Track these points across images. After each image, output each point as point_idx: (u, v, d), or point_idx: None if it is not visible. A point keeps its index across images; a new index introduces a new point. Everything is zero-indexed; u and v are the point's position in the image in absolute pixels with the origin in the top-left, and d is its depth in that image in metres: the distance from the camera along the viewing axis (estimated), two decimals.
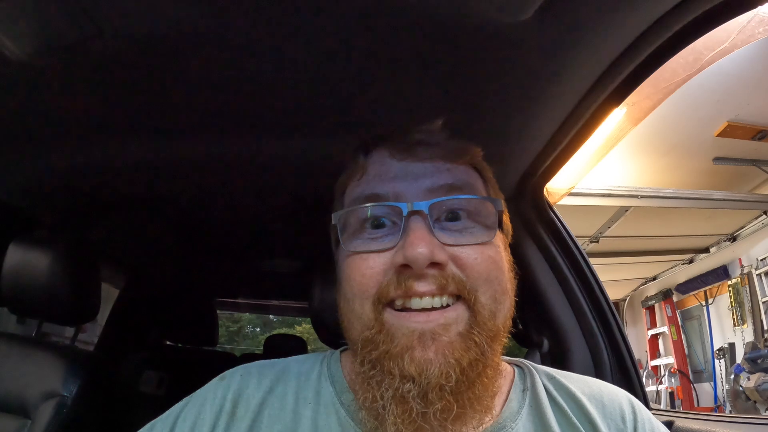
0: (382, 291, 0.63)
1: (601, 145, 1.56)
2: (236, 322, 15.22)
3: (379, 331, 0.62)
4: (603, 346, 1.35)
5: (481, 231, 0.67)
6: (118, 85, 0.99)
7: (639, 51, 0.85)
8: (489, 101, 1.00)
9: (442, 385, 0.58)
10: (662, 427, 0.73)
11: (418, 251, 0.60)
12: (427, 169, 0.69)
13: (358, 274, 0.65)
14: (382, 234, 0.66)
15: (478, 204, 0.68)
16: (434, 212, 0.65)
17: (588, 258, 1.41)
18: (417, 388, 0.58)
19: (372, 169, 0.72)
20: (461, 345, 0.60)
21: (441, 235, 0.64)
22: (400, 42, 0.84)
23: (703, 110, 3.91)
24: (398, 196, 0.67)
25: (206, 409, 0.70)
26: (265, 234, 1.94)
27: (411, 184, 0.68)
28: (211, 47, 0.87)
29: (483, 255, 0.65)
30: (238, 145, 1.23)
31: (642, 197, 4.42)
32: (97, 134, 1.20)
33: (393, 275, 0.62)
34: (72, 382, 1.31)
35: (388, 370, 0.60)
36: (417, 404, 0.58)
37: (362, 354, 0.64)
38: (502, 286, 0.66)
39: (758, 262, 5.98)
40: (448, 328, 0.61)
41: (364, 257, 0.65)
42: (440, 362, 0.59)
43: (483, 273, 0.64)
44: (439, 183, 0.67)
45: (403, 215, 0.64)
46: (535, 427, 0.68)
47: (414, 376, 0.58)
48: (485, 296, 0.63)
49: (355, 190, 0.72)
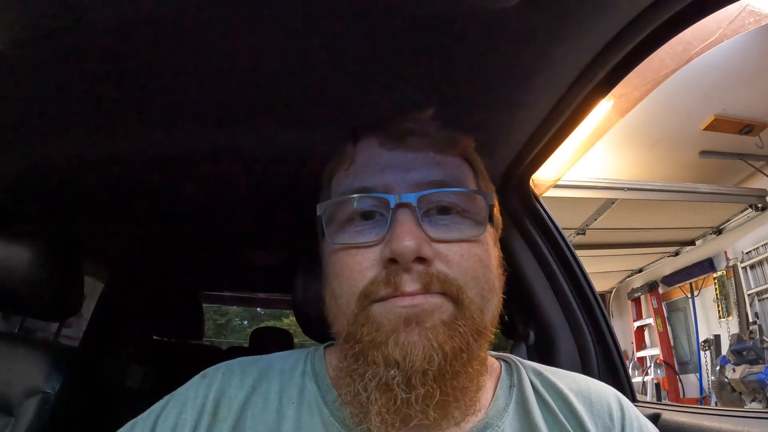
0: (369, 288, 0.61)
1: (587, 136, 1.57)
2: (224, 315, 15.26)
3: (363, 325, 0.61)
4: (589, 338, 1.35)
5: (471, 226, 0.66)
6: (98, 76, 0.97)
7: (627, 40, 0.84)
8: (473, 91, 0.99)
9: (425, 370, 0.57)
10: (650, 424, 0.73)
11: (404, 245, 0.59)
12: (417, 161, 0.68)
13: (346, 271, 0.64)
14: (369, 226, 0.65)
15: (468, 198, 0.67)
16: (423, 205, 0.64)
17: (574, 250, 1.41)
18: (401, 374, 0.57)
19: (361, 159, 0.71)
20: (444, 331, 0.59)
21: (429, 228, 0.63)
22: (384, 31, 0.82)
23: (690, 104, 3.93)
24: (387, 187, 0.65)
25: (188, 409, 0.69)
26: (251, 226, 1.93)
27: (400, 175, 0.66)
28: (194, 38, 0.85)
29: (470, 253, 0.64)
30: (222, 137, 1.21)
31: (628, 189, 4.45)
32: (77, 126, 1.17)
33: (381, 271, 0.61)
34: (55, 378, 1.29)
35: (372, 360, 0.59)
36: (402, 391, 0.58)
37: (345, 348, 0.63)
38: (489, 283, 0.65)
39: (743, 255, 6.05)
40: (432, 314, 0.60)
41: (353, 253, 0.64)
42: (423, 345, 0.58)
43: (469, 271, 0.63)
44: (429, 176, 0.66)
45: (391, 207, 0.63)
46: (521, 425, 0.68)
47: (399, 360, 0.57)
48: (472, 293, 0.62)
49: (343, 180, 0.71)
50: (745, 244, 6.04)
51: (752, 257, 5.93)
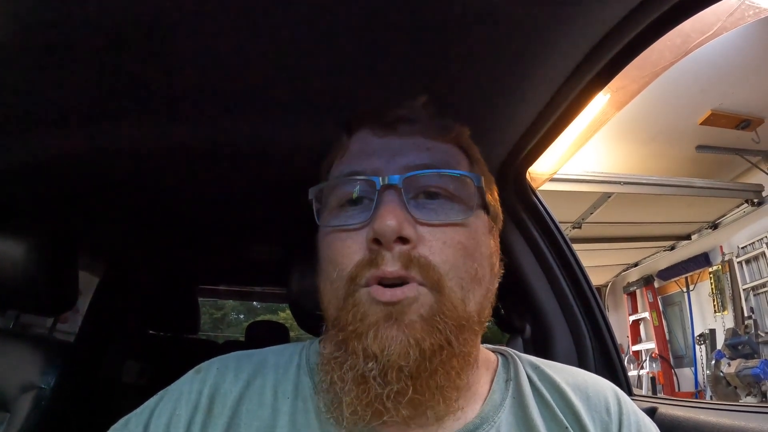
0: (355, 271, 0.61)
1: (584, 130, 1.56)
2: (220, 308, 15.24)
3: (349, 311, 0.61)
4: (585, 332, 1.35)
5: (459, 211, 0.65)
6: (93, 72, 0.97)
7: (625, 32, 0.84)
8: (468, 84, 0.99)
9: (401, 366, 0.57)
10: (647, 419, 0.72)
11: (386, 224, 0.59)
12: (406, 146, 0.67)
13: (336, 255, 0.64)
14: (358, 210, 0.65)
15: (456, 181, 0.66)
16: (411, 189, 0.64)
17: (571, 243, 1.41)
18: (378, 367, 0.57)
19: (353, 148, 0.71)
20: (423, 327, 0.59)
21: (415, 211, 0.62)
22: (380, 24, 0.82)
23: (687, 98, 3.94)
24: (374, 171, 0.65)
25: (182, 405, 0.68)
26: (247, 220, 1.93)
27: (388, 160, 0.66)
28: (188, 30, 0.85)
29: (453, 240, 0.63)
30: (217, 131, 1.20)
31: (625, 184, 4.46)
32: (72, 121, 1.17)
33: (366, 253, 0.61)
34: (50, 373, 1.29)
35: (353, 350, 0.59)
36: (377, 384, 0.57)
37: (331, 336, 0.64)
38: (471, 273, 0.64)
39: (739, 249, 6.09)
40: (410, 307, 0.59)
41: (342, 237, 0.64)
42: (401, 339, 0.57)
43: (450, 259, 0.62)
44: (417, 160, 0.66)
45: (377, 189, 0.62)
46: (517, 420, 0.67)
47: (377, 353, 0.57)
48: (452, 282, 0.61)
49: (336, 169, 0.71)
50: (740, 238, 6.07)
51: (748, 252, 5.97)
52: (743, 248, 6.03)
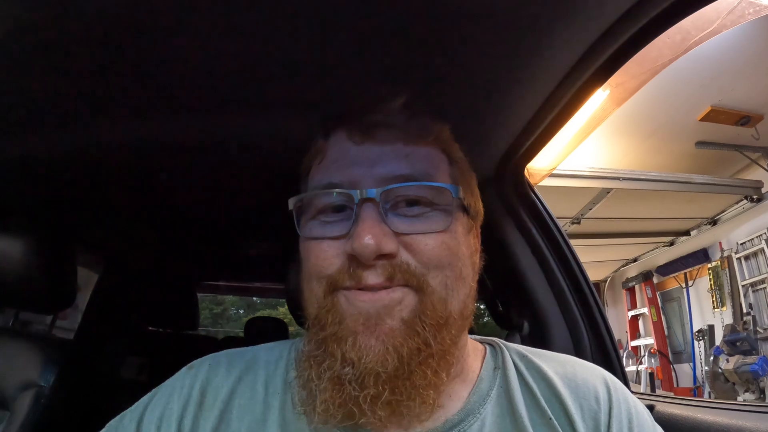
0: (335, 276, 0.62)
1: (583, 126, 1.55)
2: (219, 304, 15.31)
3: (328, 311, 0.62)
4: (583, 328, 1.35)
5: (439, 217, 0.65)
6: (87, 69, 0.96)
7: (625, 29, 0.83)
8: (466, 79, 0.98)
9: (378, 372, 0.58)
10: (640, 405, 0.72)
11: (364, 243, 0.59)
12: (385, 155, 0.67)
13: (312, 257, 0.65)
14: (337, 219, 0.65)
15: (435, 190, 0.66)
16: (389, 199, 0.64)
17: (569, 240, 1.41)
18: (354, 372, 0.59)
19: (330, 154, 0.70)
20: (403, 332, 0.60)
21: (395, 221, 0.63)
22: (372, 15, 0.81)
23: (687, 94, 3.93)
24: (352, 183, 0.65)
25: (174, 399, 0.70)
26: (245, 216, 1.92)
27: (366, 170, 0.66)
28: (183, 28, 0.84)
29: (436, 241, 0.63)
30: (214, 126, 1.20)
31: (624, 179, 4.46)
32: (67, 118, 1.16)
33: (345, 262, 0.62)
34: (49, 371, 1.29)
35: (331, 352, 0.60)
36: (352, 388, 0.59)
37: (311, 334, 0.65)
38: (456, 272, 0.65)
39: (738, 246, 6.08)
40: (392, 311, 0.60)
41: (323, 246, 0.64)
42: (380, 349, 0.59)
43: (434, 259, 0.63)
44: (395, 170, 0.65)
45: (355, 202, 0.63)
46: (503, 410, 0.68)
47: (354, 361, 0.59)
48: (435, 281, 0.62)
49: (315, 176, 0.71)
50: (739, 235, 6.07)
51: (747, 248, 5.97)
52: (742, 244, 6.03)
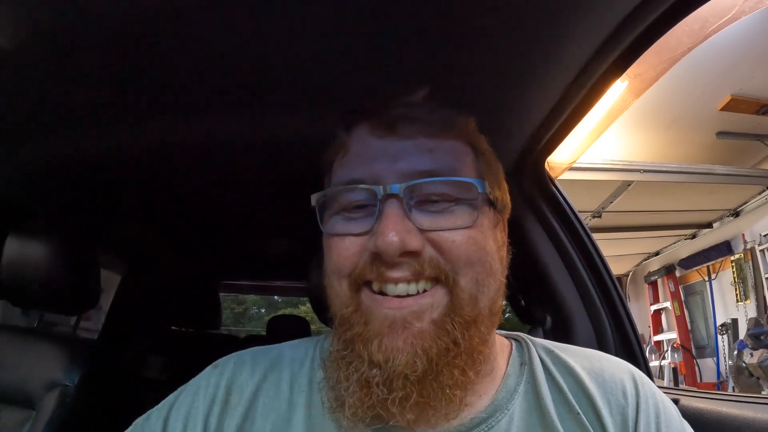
0: (358, 272, 0.62)
1: (602, 118, 1.54)
2: (241, 303, 15.45)
3: (354, 311, 0.62)
4: (606, 322, 1.34)
5: (464, 211, 0.64)
6: (105, 70, 0.97)
7: (642, 18, 0.82)
8: (483, 73, 0.98)
9: (406, 375, 0.58)
10: (667, 400, 0.71)
11: (388, 240, 0.58)
12: (407, 149, 0.66)
13: (335, 254, 0.64)
14: (360, 215, 0.65)
15: (460, 185, 0.65)
16: (413, 195, 0.63)
17: (591, 233, 1.40)
18: (382, 375, 0.58)
19: (353, 149, 0.69)
20: (432, 334, 0.59)
21: (419, 218, 0.62)
22: (390, 11, 0.81)
23: (706, 83, 3.86)
24: (375, 178, 0.64)
25: (199, 398, 0.70)
26: (266, 215, 1.93)
27: (389, 165, 0.65)
28: (198, 30, 0.85)
29: (463, 236, 0.62)
30: (234, 125, 1.21)
31: (644, 171, 4.40)
32: (88, 121, 1.18)
33: (368, 259, 0.61)
34: (74, 371, 1.31)
35: (358, 353, 0.60)
36: (380, 390, 0.58)
37: (339, 332, 0.64)
38: (486, 267, 0.64)
39: (761, 237, 5.98)
40: (421, 316, 0.60)
41: (346, 243, 0.64)
42: (408, 351, 0.58)
43: (463, 256, 0.62)
44: (419, 165, 0.64)
45: (378, 198, 0.62)
46: (530, 406, 0.67)
47: (381, 363, 0.58)
48: (466, 279, 0.62)
49: (337, 171, 0.70)
50: (763, 226, 5.97)
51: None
52: (765, 236, 5.93)
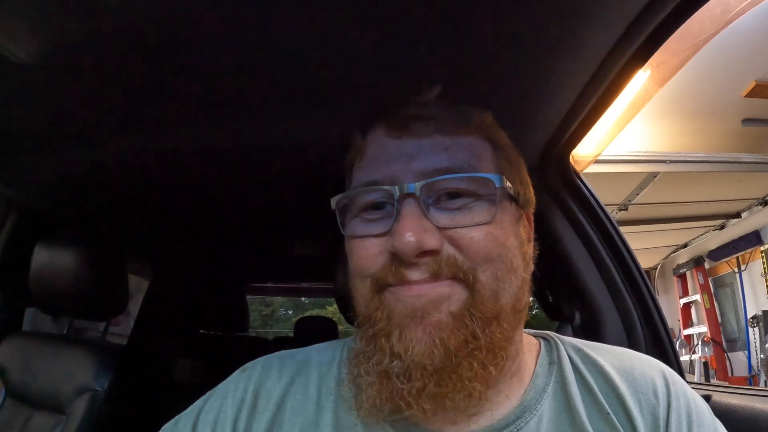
0: (380, 274, 0.62)
1: (626, 109, 1.52)
2: (268, 305, 15.63)
3: (377, 308, 0.62)
4: (636, 317, 1.32)
5: (483, 207, 0.63)
6: (127, 80, 0.99)
7: (664, 3, 0.80)
8: (506, 67, 0.97)
9: (425, 365, 0.58)
10: (699, 398, 0.70)
11: (405, 240, 0.58)
12: (423, 148, 0.66)
13: (356, 256, 0.65)
14: (379, 216, 0.65)
15: (477, 181, 0.64)
16: (431, 193, 0.63)
17: (618, 226, 1.38)
18: (401, 365, 0.58)
19: (369, 151, 0.70)
20: (451, 325, 0.59)
21: (437, 216, 0.61)
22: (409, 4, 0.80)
23: (729, 69, 3.78)
24: (392, 179, 0.64)
25: (228, 402, 0.71)
26: (290, 217, 1.94)
27: (405, 165, 0.65)
28: (216, 33, 0.85)
29: (482, 232, 0.62)
30: (257, 129, 1.22)
31: (670, 162, 4.32)
32: (112, 130, 1.20)
33: (388, 259, 0.61)
34: (103, 376, 1.33)
35: (380, 347, 0.60)
36: (399, 381, 0.58)
37: (362, 331, 0.64)
38: (506, 263, 0.63)
39: None
40: (439, 306, 0.59)
41: (366, 245, 0.64)
42: (426, 341, 0.58)
43: (482, 252, 0.61)
44: (435, 164, 0.64)
45: (395, 198, 0.62)
46: (559, 406, 0.66)
47: (401, 353, 0.58)
48: (485, 275, 0.61)
49: (356, 174, 0.70)
50: None
51: None
52: None
